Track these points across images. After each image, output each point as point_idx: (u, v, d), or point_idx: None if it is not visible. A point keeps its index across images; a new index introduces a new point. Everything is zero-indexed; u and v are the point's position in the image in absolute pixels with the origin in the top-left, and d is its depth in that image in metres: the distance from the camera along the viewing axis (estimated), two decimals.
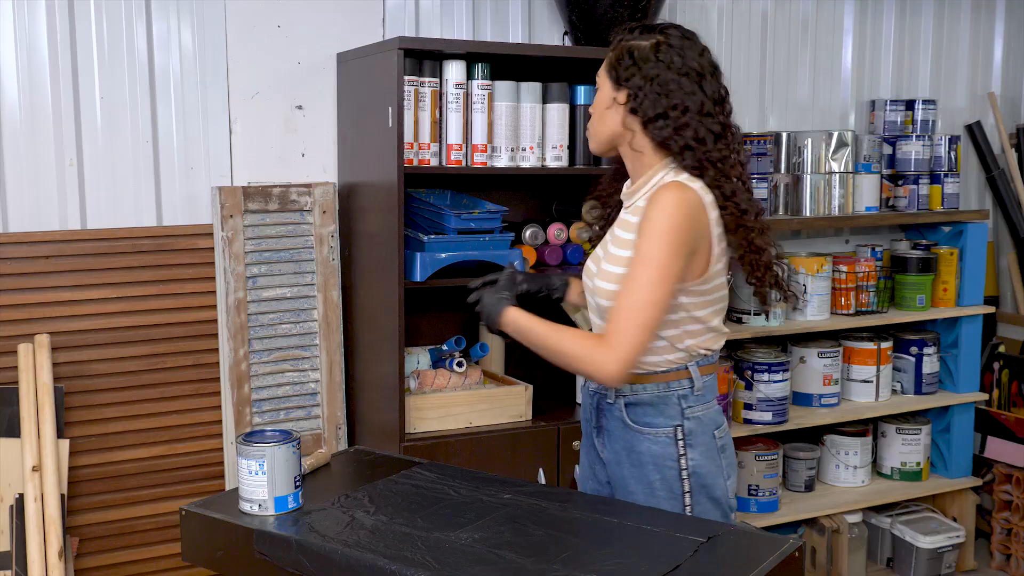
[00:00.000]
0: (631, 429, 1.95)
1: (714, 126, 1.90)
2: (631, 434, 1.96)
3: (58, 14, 2.71)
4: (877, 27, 3.99)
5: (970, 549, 3.83)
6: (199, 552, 1.84)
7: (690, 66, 1.89)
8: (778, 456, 3.52)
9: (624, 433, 1.97)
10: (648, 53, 1.89)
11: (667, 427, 1.93)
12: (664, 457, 1.93)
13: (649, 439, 1.94)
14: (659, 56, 1.89)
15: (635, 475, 1.96)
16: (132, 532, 2.79)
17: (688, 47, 1.91)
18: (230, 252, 2.78)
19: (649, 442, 1.94)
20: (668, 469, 1.93)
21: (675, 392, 1.94)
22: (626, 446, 1.97)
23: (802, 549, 1.65)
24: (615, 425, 1.98)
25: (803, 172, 3.60)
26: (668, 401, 1.94)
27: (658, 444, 1.94)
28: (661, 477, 1.94)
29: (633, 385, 1.94)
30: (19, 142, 2.70)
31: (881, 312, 3.67)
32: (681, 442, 1.93)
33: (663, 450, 1.93)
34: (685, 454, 1.93)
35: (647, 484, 1.95)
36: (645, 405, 1.94)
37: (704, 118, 1.89)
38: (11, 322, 2.65)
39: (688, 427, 1.94)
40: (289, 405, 2.89)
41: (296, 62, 2.97)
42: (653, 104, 1.88)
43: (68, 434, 2.67)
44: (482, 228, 2.76)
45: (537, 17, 3.32)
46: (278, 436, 1.81)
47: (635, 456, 1.95)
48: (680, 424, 1.93)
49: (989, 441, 3.90)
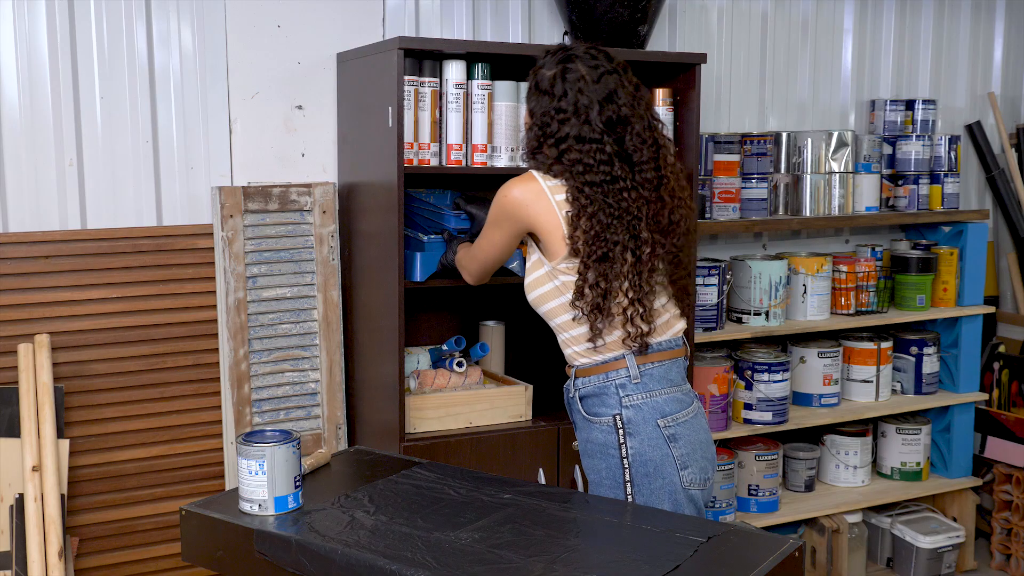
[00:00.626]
0: (586, 419, 2.09)
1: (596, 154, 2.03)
2: (586, 424, 2.09)
3: (58, 14, 2.71)
4: (877, 27, 4.00)
5: (970, 549, 3.83)
6: (199, 552, 1.84)
7: (539, 80, 2.11)
8: (778, 456, 3.52)
9: (583, 424, 2.10)
10: (553, 71, 2.08)
11: (607, 416, 2.05)
12: (607, 445, 2.05)
13: (597, 428, 2.07)
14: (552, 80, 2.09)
15: (590, 464, 2.10)
16: (132, 532, 2.79)
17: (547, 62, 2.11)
18: (230, 252, 2.78)
19: (597, 431, 2.07)
20: (611, 457, 2.04)
21: (613, 382, 2.04)
22: (584, 436, 2.11)
23: (802, 549, 1.65)
24: (577, 418, 2.12)
25: (803, 172, 3.60)
26: (608, 391, 2.05)
27: (602, 432, 2.05)
28: (606, 465, 2.05)
29: (581, 378, 2.08)
30: (19, 142, 2.70)
31: (881, 312, 3.67)
32: (621, 430, 2.03)
33: (606, 438, 2.05)
34: (624, 442, 2.03)
35: (597, 472, 2.07)
36: (592, 396, 2.07)
37: (585, 145, 2.04)
38: (11, 322, 2.65)
39: (627, 415, 2.03)
40: (289, 405, 2.89)
41: (296, 62, 2.98)
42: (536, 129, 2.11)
43: (68, 434, 2.67)
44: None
45: (537, 17, 3.32)
46: (278, 436, 1.81)
47: (590, 445, 2.09)
48: (619, 412, 2.04)
49: (989, 441, 3.90)
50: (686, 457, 2.04)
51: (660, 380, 2.06)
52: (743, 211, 3.47)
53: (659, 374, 2.06)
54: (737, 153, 3.44)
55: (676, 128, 3.03)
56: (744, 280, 3.42)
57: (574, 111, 2.04)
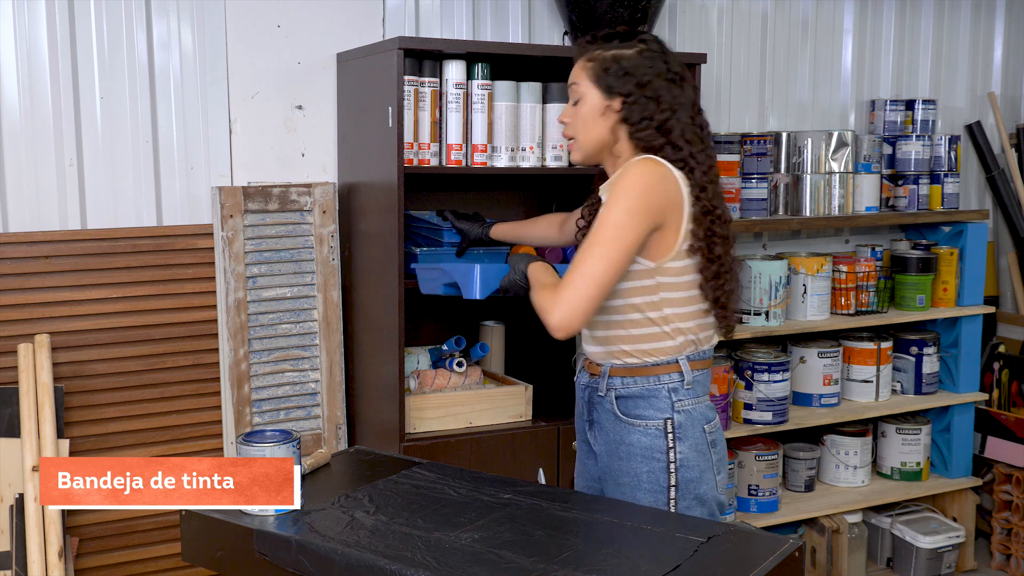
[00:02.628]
0: (622, 421, 2.00)
1: (695, 129, 2.00)
2: (621, 426, 2.00)
3: (58, 14, 2.71)
4: (877, 27, 4.00)
5: (970, 549, 3.83)
6: (199, 552, 1.84)
7: (673, 71, 2.00)
8: (778, 456, 3.52)
9: (615, 425, 2.01)
10: (637, 60, 1.97)
11: (657, 419, 1.98)
12: (653, 449, 1.98)
13: (639, 431, 1.99)
14: (647, 63, 1.98)
15: (624, 467, 2.00)
16: (132, 532, 2.79)
17: (668, 53, 2.02)
18: (230, 252, 2.78)
19: (639, 434, 1.99)
20: (656, 461, 1.98)
21: (665, 385, 1.98)
22: (616, 439, 2.01)
23: (802, 549, 1.65)
24: (606, 418, 2.03)
25: (803, 172, 3.60)
26: (658, 394, 1.98)
27: (648, 436, 1.98)
28: (648, 469, 1.98)
29: (624, 378, 2.00)
30: (19, 142, 2.70)
31: (881, 312, 3.67)
32: (671, 435, 1.98)
33: (652, 442, 1.98)
34: (674, 447, 1.98)
35: (634, 476, 1.99)
36: (636, 398, 1.99)
37: (688, 120, 1.98)
38: (11, 322, 2.65)
39: (678, 420, 1.98)
40: (289, 405, 2.89)
41: (296, 62, 2.97)
42: (643, 110, 1.97)
43: (68, 434, 2.67)
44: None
45: (537, 17, 3.32)
46: (278, 436, 1.81)
47: (624, 448, 2.00)
48: (670, 417, 1.98)
49: (989, 441, 3.90)
50: (720, 463, 2.05)
51: (703, 386, 2.04)
52: (743, 211, 3.47)
53: (702, 380, 2.04)
54: (737, 153, 3.44)
55: None
56: (744, 280, 3.42)
57: (682, 105, 1.99)
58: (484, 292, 2.15)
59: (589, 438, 2.10)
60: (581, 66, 2.03)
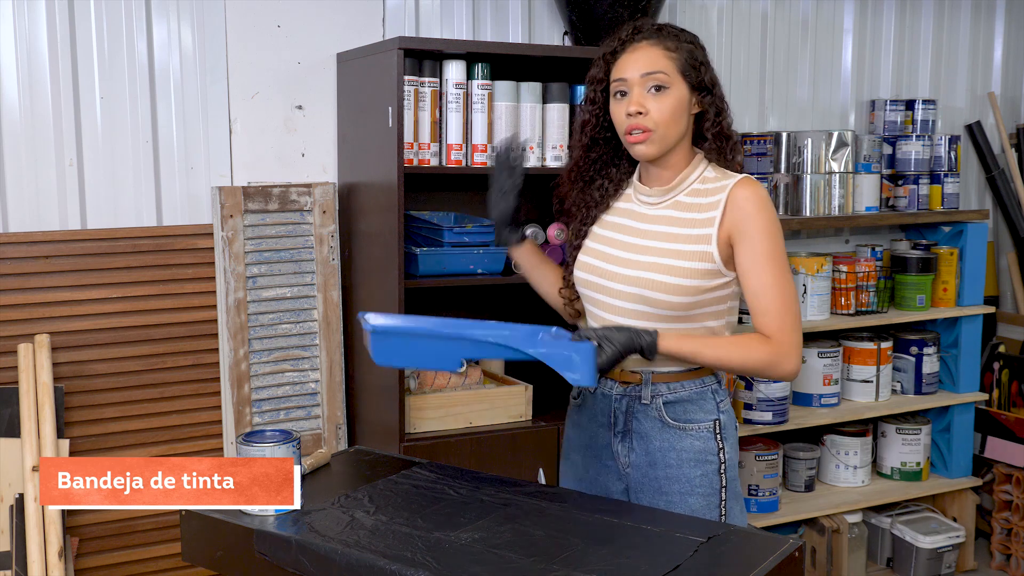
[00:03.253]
0: (671, 427, 1.94)
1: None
2: (671, 432, 1.94)
3: (58, 14, 2.71)
4: (877, 27, 4.00)
5: (970, 549, 3.83)
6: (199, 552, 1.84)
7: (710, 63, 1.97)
8: (778, 456, 3.52)
9: (662, 433, 1.95)
10: (704, 55, 1.93)
11: (707, 421, 1.95)
12: (706, 452, 1.94)
13: (692, 435, 1.94)
14: (710, 64, 1.94)
15: (673, 474, 1.94)
16: (132, 532, 2.79)
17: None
18: (230, 252, 2.78)
19: (692, 438, 1.94)
20: (709, 464, 1.94)
21: (709, 387, 1.96)
22: (663, 446, 1.95)
23: (802, 549, 1.65)
24: (650, 426, 1.95)
25: (803, 172, 3.60)
26: (705, 396, 1.96)
27: (700, 439, 1.94)
28: (702, 473, 1.94)
29: (671, 383, 1.94)
30: (19, 142, 2.70)
31: (881, 312, 3.67)
32: (719, 435, 1.95)
33: (705, 444, 1.94)
34: (723, 447, 1.96)
35: (686, 482, 1.93)
36: (685, 402, 1.94)
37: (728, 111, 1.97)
38: (11, 322, 2.65)
39: (723, 421, 1.97)
40: (289, 405, 2.89)
41: (296, 62, 2.97)
42: (717, 103, 1.93)
43: (68, 434, 2.67)
44: (476, 242, 2.77)
45: (537, 17, 3.32)
46: (278, 436, 1.81)
47: (675, 454, 1.94)
48: (717, 418, 1.96)
49: (989, 441, 3.90)
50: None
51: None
52: None
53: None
54: None
55: None
56: None
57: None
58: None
59: (618, 451, 2.00)
60: (662, 55, 1.88)
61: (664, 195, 1.94)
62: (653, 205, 1.95)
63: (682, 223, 1.90)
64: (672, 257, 1.88)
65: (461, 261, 2.75)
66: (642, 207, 1.97)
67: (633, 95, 1.88)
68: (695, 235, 1.88)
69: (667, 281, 1.87)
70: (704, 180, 1.93)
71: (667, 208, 1.93)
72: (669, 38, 1.90)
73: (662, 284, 1.87)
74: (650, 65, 1.87)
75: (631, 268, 1.92)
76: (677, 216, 1.92)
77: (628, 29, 1.94)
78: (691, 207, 1.90)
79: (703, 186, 1.92)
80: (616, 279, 1.93)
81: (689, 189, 1.93)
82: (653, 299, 1.88)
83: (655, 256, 1.90)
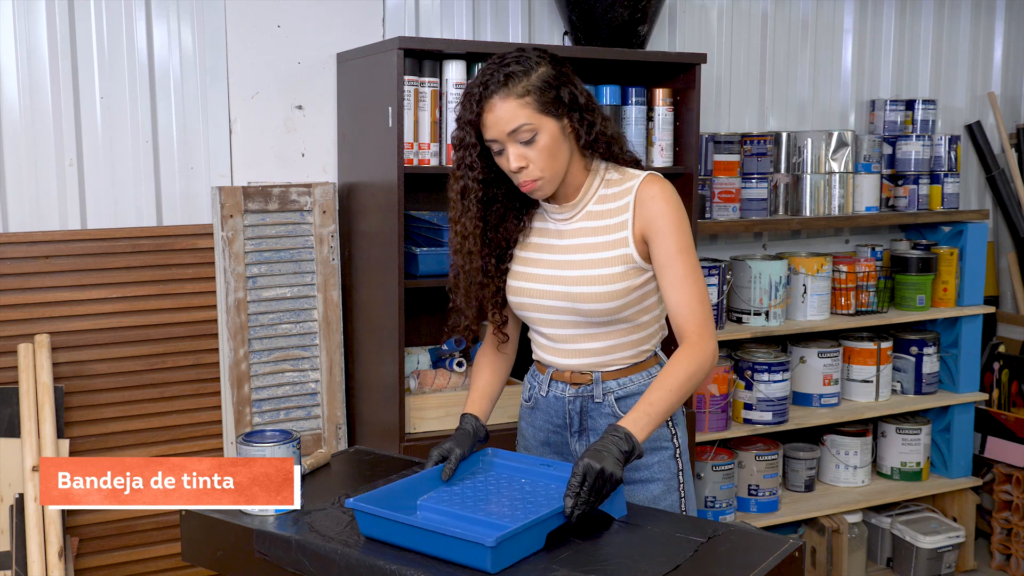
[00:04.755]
0: None
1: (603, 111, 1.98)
2: None
3: (58, 14, 2.71)
4: (877, 27, 4.00)
5: (970, 549, 3.83)
6: (199, 552, 1.84)
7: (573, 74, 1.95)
8: (778, 456, 3.52)
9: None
10: (558, 70, 1.90)
11: None
12: (660, 439, 2.00)
13: None
14: (565, 74, 1.91)
15: (631, 464, 1.95)
16: (132, 532, 2.79)
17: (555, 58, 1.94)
18: (230, 252, 2.78)
19: None
20: (664, 450, 2.00)
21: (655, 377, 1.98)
22: None
23: (802, 549, 1.65)
24: (604, 422, 2.00)
25: (803, 172, 3.60)
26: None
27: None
28: (659, 460, 2.00)
29: (619, 379, 2.00)
30: (19, 142, 2.70)
31: (881, 312, 3.67)
32: (670, 422, 2.02)
33: (659, 432, 2.00)
34: (676, 433, 2.02)
35: (644, 469, 1.99)
36: (635, 395, 1.99)
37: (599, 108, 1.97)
38: (11, 322, 2.65)
39: None
40: (289, 405, 2.89)
41: (296, 62, 2.97)
42: (585, 115, 1.91)
43: (68, 434, 2.67)
44: None
45: (537, 17, 3.32)
46: (278, 436, 1.81)
47: None
48: None
49: (989, 441, 3.90)
50: None
51: None
52: (743, 211, 3.47)
53: None
54: (737, 153, 3.44)
55: (676, 128, 3.03)
56: (744, 280, 3.43)
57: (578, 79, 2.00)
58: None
59: (576, 449, 2.04)
60: (516, 105, 1.85)
61: (573, 209, 1.98)
62: (566, 220, 1.99)
63: (597, 231, 1.95)
64: (596, 267, 1.93)
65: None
66: (557, 224, 2.00)
67: (509, 152, 1.88)
68: (611, 240, 1.93)
69: (596, 291, 1.92)
70: (608, 184, 1.96)
71: (580, 220, 1.98)
72: (517, 83, 1.85)
73: (592, 295, 1.92)
74: (511, 122, 1.85)
75: (560, 284, 1.96)
76: (591, 226, 1.96)
77: (477, 88, 1.89)
78: (602, 214, 1.95)
79: (608, 190, 1.96)
80: (547, 296, 1.97)
81: (596, 197, 1.97)
82: (586, 310, 1.94)
83: (580, 269, 1.94)
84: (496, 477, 1.87)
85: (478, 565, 1.51)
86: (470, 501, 1.74)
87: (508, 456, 1.92)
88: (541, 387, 2.07)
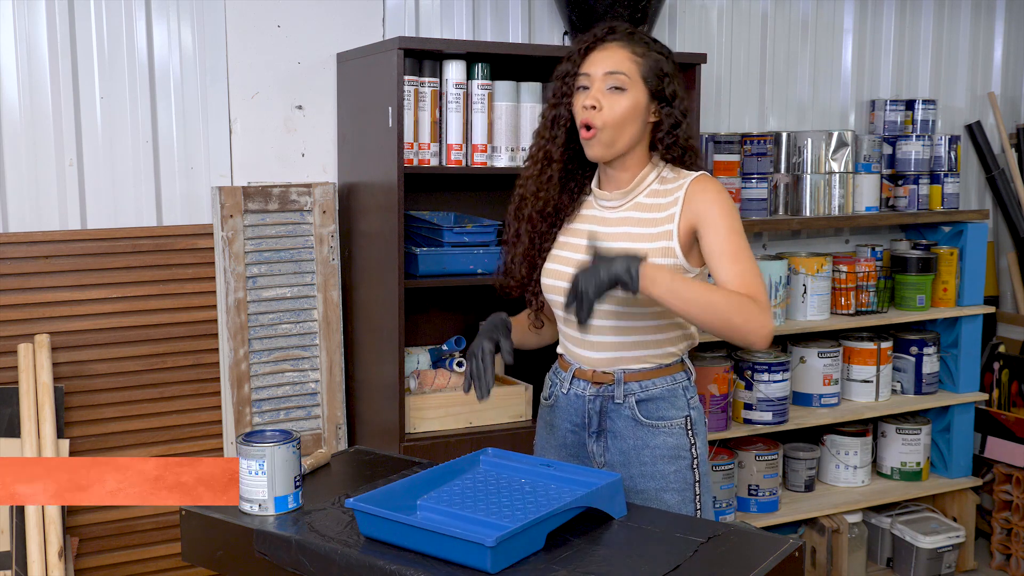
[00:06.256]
0: (643, 425, 1.98)
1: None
2: (643, 430, 1.98)
3: (58, 14, 2.71)
4: (877, 27, 4.00)
5: (970, 549, 3.83)
6: (199, 552, 1.84)
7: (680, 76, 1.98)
8: (778, 456, 3.52)
9: (636, 431, 1.98)
10: (672, 68, 1.95)
11: (679, 418, 1.99)
12: (678, 448, 1.98)
13: (664, 432, 1.98)
14: (678, 73, 1.96)
15: (648, 471, 1.98)
16: (132, 532, 2.79)
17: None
18: (230, 252, 2.79)
19: (664, 435, 1.98)
20: (682, 460, 1.98)
21: (680, 384, 2.00)
22: (637, 444, 1.98)
23: (802, 549, 1.65)
24: (624, 425, 1.99)
25: (803, 172, 3.60)
26: (676, 393, 1.99)
27: (673, 436, 1.98)
28: (675, 469, 1.98)
29: (643, 382, 1.98)
30: (19, 142, 2.70)
31: (881, 312, 3.67)
32: (690, 431, 1.99)
33: (677, 441, 1.98)
34: (695, 443, 1.99)
35: (661, 478, 1.97)
36: (657, 400, 1.97)
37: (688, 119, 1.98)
38: (11, 322, 2.65)
39: (694, 417, 2.01)
40: (289, 405, 2.89)
41: (296, 62, 2.98)
42: (676, 116, 1.94)
43: (68, 434, 2.67)
44: (476, 242, 2.78)
45: (537, 17, 3.32)
46: (278, 436, 1.81)
47: (649, 452, 1.98)
48: (688, 414, 2.00)
49: (989, 441, 3.90)
50: None
51: None
52: (743, 211, 3.47)
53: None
54: (737, 153, 3.44)
55: None
56: None
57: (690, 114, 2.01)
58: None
59: (593, 451, 2.03)
60: (627, 57, 1.90)
61: (623, 198, 1.97)
62: (614, 208, 1.98)
63: (643, 223, 1.94)
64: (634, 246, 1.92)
65: (461, 261, 2.76)
66: (603, 211, 2.00)
67: (592, 90, 1.91)
68: (656, 233, 1.92)
69: None
70: (663, 180, 1.97)
71: (628, 210, 1.97)
72: (639, 43, 1.93)
73: None
74: (613, 65, 1.90)
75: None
76: (638, 217, 1.95)
77: (603, 28, 1.96)
78: (651, 207, 1.94)
79: (661, 186, 1.96)
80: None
81: (648, 190, 1.96)
82: (621, 300, 1.92)
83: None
84: (496, 477, 1.87)
85: (478, 565, 1.51)
86: (470, 501, 1.74)
87: (508, 456, 1.93)
88: (563, 384, 2.06)
